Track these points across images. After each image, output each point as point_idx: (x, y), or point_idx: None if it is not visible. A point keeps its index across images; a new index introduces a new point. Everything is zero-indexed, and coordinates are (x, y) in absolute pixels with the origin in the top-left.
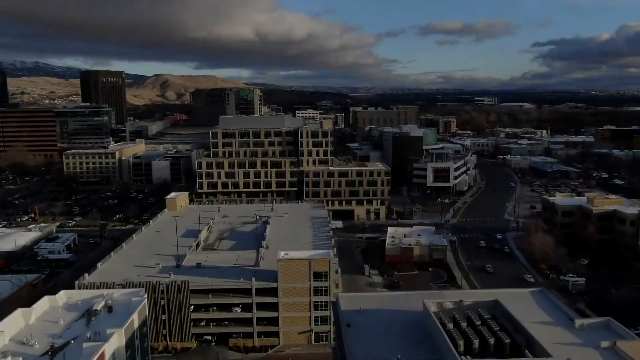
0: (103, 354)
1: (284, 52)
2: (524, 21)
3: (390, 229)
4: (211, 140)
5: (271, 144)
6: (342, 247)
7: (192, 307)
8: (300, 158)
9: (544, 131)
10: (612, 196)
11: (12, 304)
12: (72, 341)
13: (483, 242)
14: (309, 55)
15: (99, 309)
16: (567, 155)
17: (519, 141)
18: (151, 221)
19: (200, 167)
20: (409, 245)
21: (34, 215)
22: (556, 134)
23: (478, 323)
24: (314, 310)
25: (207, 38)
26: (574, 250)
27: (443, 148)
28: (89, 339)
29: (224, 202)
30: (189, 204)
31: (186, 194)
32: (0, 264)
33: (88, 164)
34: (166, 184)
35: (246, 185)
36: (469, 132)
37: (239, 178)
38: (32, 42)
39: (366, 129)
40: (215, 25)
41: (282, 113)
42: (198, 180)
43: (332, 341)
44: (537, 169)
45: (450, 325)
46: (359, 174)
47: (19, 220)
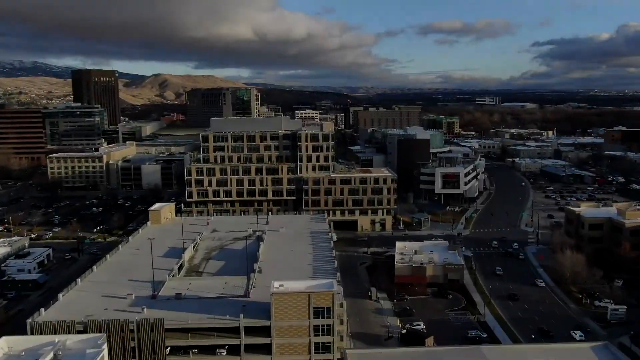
0: None
1: (283, 52)
2: (523, 21)
3: (398, 244)
4: (201, 144)
5: (267, 148)
6: (345, 264)
7: (168, 350)
8: (298, 164)
9: (550, 132)
10: None
11: None
12: None
13: (500, 269)
14: (308, 54)
15: None
16: (578, 158)
17: (526, 143)
18: (130, 237)
19: (190, 174)
20: (421, 264)
21: (9, 225)
22: (562, 135)
23: None
24: (314, 352)
25: (207, 38)
26: (605, 269)
27: (451, 151)
28: None
29: (215, 213)
30: (177, 215)
31: (172, 204)
32: None
33: (74, 168)
34: (157, 189)
35: (240, 193)
36: (473, 133)
37: (231, 186)
38: (31, 42)
39: (369, 130)
40: (215, 25)
41: (281, 113)
42: (187, 188)
43: None
44: (549, 173)
45: None
46: (363, 181)
47: None
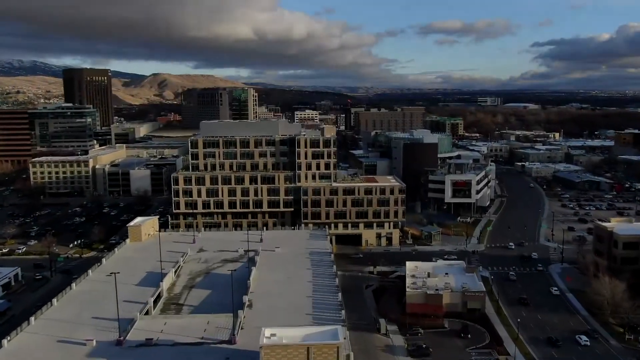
0: None
1: (283, 52)
2: (523, 21)
3: (409, 265)
4: (190, 150)
5: (262, 154)
6: (349, 286)
7: None
8: (297, 172)
9: (557, 134)
10: None
11: None
12: None
13: (525, 296)
14: (308, 54)
15: None
16: (591, 162)
17: (534, 146)
18: (104, 259)
19: (177, 183)
20: (437, 290)
21: None
22: (569, 137)
23: None
24: None
25: (206, 37)
26: None
27: (460, 157)
28: None
29: (204, 228)
30: (161, 229)
31: (154, 219)
32: None
33: (58, 173)
34: (146, 196)
35: (232, 204)
36: (477, 135)
37: (223, 196)
38: (31, 41)
39: (372, 133)
40: (215, 25)
41: (280, 113)
42: (174, 198)
43: None
44: (563, 179)
45: None
46: (368, 191)
47: None
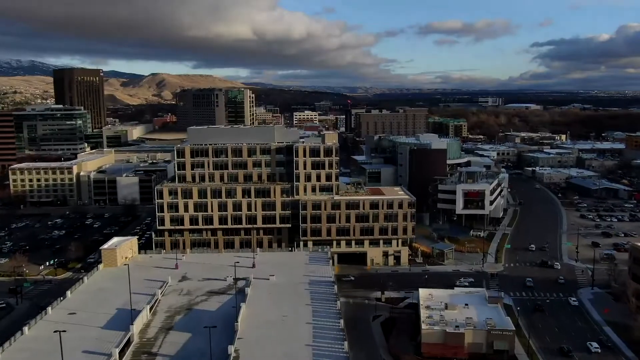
0: None
1: (282, 52)
2: (523, 21)
3: (422, 293)
4: (176, 160)
5: (256, 164)
6: (354, 318)
7: None
8: (295, 184)
9: (563, 136)
10: None
11: None
12: None
13: (564, 346)
14: (307, 54)
15: None
16: (604, 167)
17: (543, 149)
18: (69, 292)
19: (161, 197)
20: (457, 328)
21: None
22: (576, 139)
23: None
24: None
25: (205, 37)
26: None
27: (469, 163)
28: None
29: (191, 246)
30: (140, 251)
31: (133, 240)
32: None
33: (39, 180)
34: (133, 205)
35: (223, 220)
36: (482, 137)
37: (212, 211)
38: (29, 41)
39: (375, 138)
40: (214, 24)
41: (279, 114)
42: (158, 214)
43: None
44: (577, 186)
45: None
46: (374, 205)
47: None
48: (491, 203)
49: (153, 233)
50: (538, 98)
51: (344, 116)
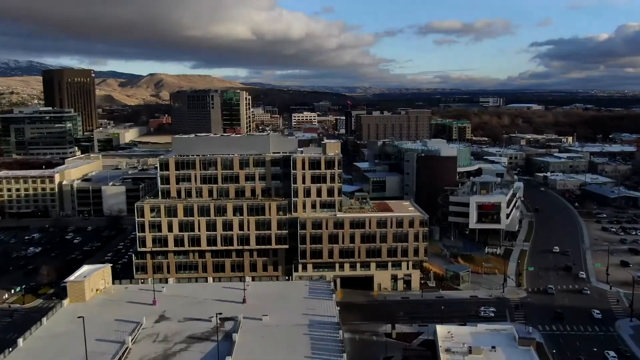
0: None
1: (281, 52)
2: (523, 21)
3: (440, 331)
4: (159, 173)
5: (249, 178)
6: (360, 358)
7: None
8: (293, 199)
9: (570, 138)
10: None
11: None
12: None
13: None
14: (306, 54)
15: None
16: (617, 172)
17: (551, 152)
18: (20, 340)
19: (142, 215)
20: None
21: None
22: (582, 141)
23: None
24: None
25: (204, 37)
26: None
27: (480, 171)
28: None
29: (177, 269)
30: (115, 280)
31: (106, 268)
32: None
33: (19, 190)
34: (119, 216)
35: (211, 241)
36: (486, 139)
37: (200, 230)
38: (28, 41)
39: (379, 143)
40: (213, 24)
41: (278, 115)
42: (138, 234)
43: None
44: (593, 194)
45: None
46: (382, 223)
47: None
48: (507, 216)
49: (133, 255)
50: (537, 98)
51: (344, 117)
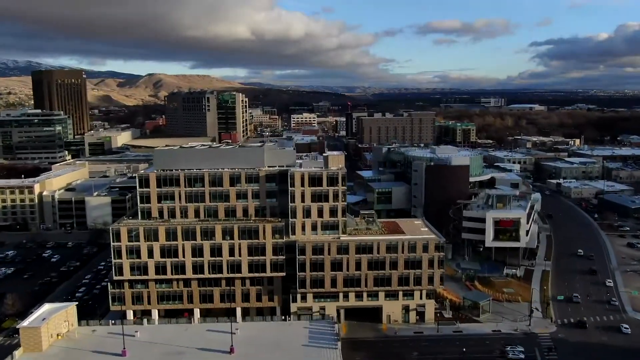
0: None
1: (280, 52)
2: (522, 21)
3: None
4: (138, 190)
5: (241, 196)
6: None
7: None
8: (291, 220)
9: (577, 140)
10: None
11: None
12: None
13: None
14: (305, 54)
15: None
16: (633, 177)
17: (559, 155)
18: None
19: (118, 239)
20: None
21: None
22: (590, 144)
23: None
24: None
25: (203, 37)
26: None
27: (493, 180)
28: None
29: (158, 300)
30: (81, 321)
31: (71, 308)
32: None
33: None
34: (104, 230)
35: (198, 268)
36: (490, 142)
37: (185, 257)
38: (26, 41)
39: (383, 150)
40: (212, 24)
41: (276, 116)
42: (115, 261)
43: None
44: (611, 203)
45: None
46: (392, 247)
47: None
48: (527, 233)
49: (109, 284)
50: (537, 97)
51: (344, 119)
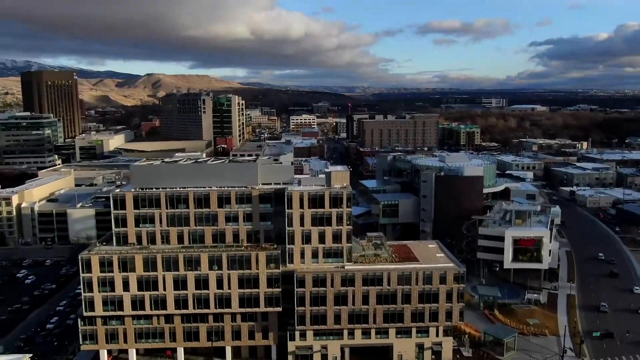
0: None
1: (280, 52)
2: (522, 21)
3: None
4: (113, 212)
5: (231, 218)
6: None
7: None
8: (288, 247)
9: (584, 143)
10: None
11: None
12: None
13: None
14: (305, 54)
15: None
16: None
17: (568, 159)
18: None
19: (88, 270)
20: None
21: None
22: (598, 146)
23: None
24: None
25: (203, 37)
26: None
27: (509, 192)
28: None
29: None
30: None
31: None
32: None
33: None
34: (87, 245)
35: (181, 303)
36: (495, 144)
37: (166, 289)
38: (25, 41)
39: (388, 157)
40: (211, 24)
41: (275, 117)
42: (85, 294)
43: None
44: (632, 214)
45: None
46: (405, 278)
47: None
48: (549, 252)
49: (79, 320)
50: (537, 97)
51: (344, 120)
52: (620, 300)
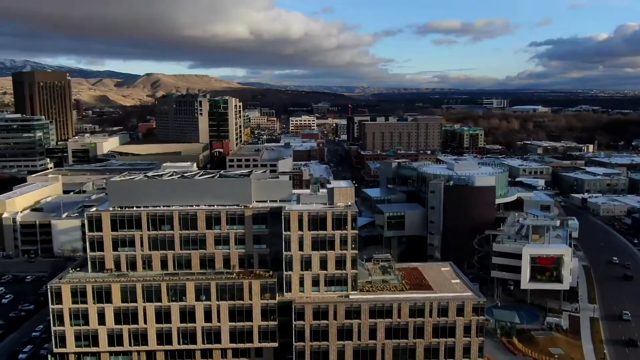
0: None
1: (279, 51)
2: (522, 21)
3: None
4: (87, 234)
5: (221, 241)
6: None
7: None
8: (285, 274)
9: (590, 146)
10: None
11: None
12: None
13: None
14: (305, 54)
15: None
16: None
17: (575, 163)
18: None
19: (59, 301)
20: None
21: None
22: (605, 149)
23: None
24: None
25: (202, 37)
26: None
27: (522, 203)
28: None
29: None
30: None
31: None
32: None
33: None
34: (73, 259)
35: (164, 337)
36: (499, 147)
37: (147, 323)
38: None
39: (392, 165)
40: (211, 24)
41: (275, 118)
42: (54, 328)
43: None
44: None
45: None
46: (418, 310)
47: None
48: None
49: (50, 356)
50: (537, 97)
51: (344, 121)
52: (634, 305)
